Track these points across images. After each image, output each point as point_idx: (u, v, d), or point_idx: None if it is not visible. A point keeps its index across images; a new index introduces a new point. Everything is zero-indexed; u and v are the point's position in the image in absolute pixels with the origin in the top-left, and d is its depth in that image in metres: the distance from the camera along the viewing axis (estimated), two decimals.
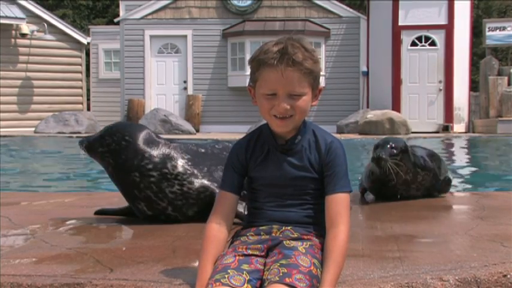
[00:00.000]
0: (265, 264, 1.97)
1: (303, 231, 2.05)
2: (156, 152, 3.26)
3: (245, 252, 2.00)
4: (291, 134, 2.09)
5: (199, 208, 3.27)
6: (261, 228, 2.08)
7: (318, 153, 2.08)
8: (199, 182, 3.27)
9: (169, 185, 3.23)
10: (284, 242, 2.01)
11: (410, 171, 4.05)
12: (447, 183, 4.35)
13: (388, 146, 3.95)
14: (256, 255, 2.00)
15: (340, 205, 2.02)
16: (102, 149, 3.27)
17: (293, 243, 2.00)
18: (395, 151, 3.94)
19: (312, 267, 1.91)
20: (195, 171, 3.28)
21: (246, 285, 1.87)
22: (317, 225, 2.07)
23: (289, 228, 2.05)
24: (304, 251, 1.96)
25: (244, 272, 1.91)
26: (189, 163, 3.29)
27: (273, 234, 2.05)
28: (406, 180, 4.05)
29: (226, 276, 1.88)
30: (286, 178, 2.08)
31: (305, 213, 2.08)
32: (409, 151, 4.05)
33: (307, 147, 2.09)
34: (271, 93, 2.01)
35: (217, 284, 1.86)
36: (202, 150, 3.42)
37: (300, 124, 2.09)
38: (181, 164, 3.26)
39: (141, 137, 3.28)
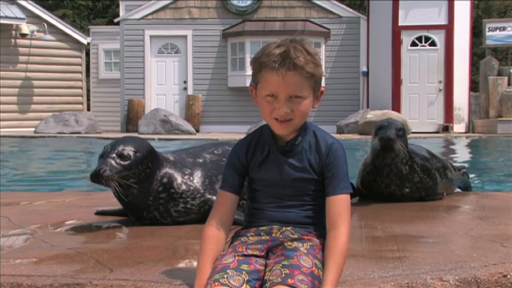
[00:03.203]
0: (265, 265, 1.97)
1: (303, 231, 2.05)
2: (163, 172, 3.18)
3: (245, 253, 2.00)
4: (291, 136, 2.09)
5: (198, 219, 3.25)
6: (261, 228, 2.08)
7: (318, 155, 2.08)
8: (201, 197, 3.22)
9: (174, 204, 3.19)
10: (285, 243, 2.01)
11: (407, 162, 3.98)
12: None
13: (394, 127, 3.89)
14: (256, 256, 2.00)
15: (340, 206, 2.02)
16: (134, 180, 3.08)
17: (294, 244, 2.00)
18: (400, 132, 3.90)
19: (314, 268, 1.91)
20: (197, 186, 3.22)
21: (244, 285, 1.87)
22: (317, 225, 2.07)
23: (289, 228, 2.05)
24: (305, 251, 1.96)
25: (244, 272, 1.91)
26: (191, 178, 3.22)
27: (273, 235, 2.05)
28: (401, 171, 4.00)
29: (225, 276, 1.88)
30: (287, 179, 2.08)
31: (305, 213, 2.08)
32: (406, 137, 3.98)
33: (307, 149, 2.09)
34: (272, 95, 2.01)
35: (216, 284, 1.86)
36: (200, 160, 3.32)
37: (301, 125, 2.09)
38: (184, 181, 3.20)
39: (156, 157, 3.15)
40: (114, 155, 3.03)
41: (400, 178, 4.02)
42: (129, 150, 3.05)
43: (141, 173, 3.07)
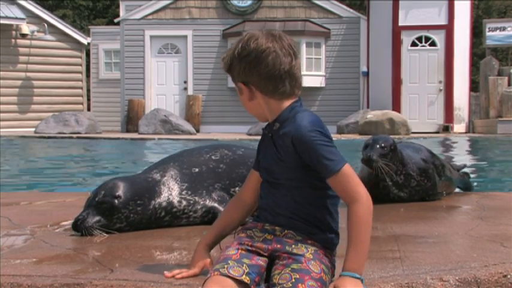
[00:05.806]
0: (267, 264, 1.97)
1: (305, 234, 2.01)
2: (159, 200, 3.11)
3: (249, 248, 2.00)
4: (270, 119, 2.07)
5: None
6: (265, 227, 2.05)
7: (293, 148, 1.99)
8: (202, 208, 3.20)
9: (177, 221, 3.18)
10: (290, 245, 1.98)
11: (401, 172, 3.97)
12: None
13: (378, 145, 3.84)
14: (259, 254, 1.99)
15: (340, 184, 1.94)
16: (121, 224, 3.03)
17: (299, 247, 1.97)
18: (385, 150, 3.83)
19: (322, 274, 1.91)
20: (196, 198, 3.19)
21: (244, 276, 1.89)
22: (319, 227, 2.03)
23: (291, 231, 2.02)
24: (311, 256, 1.95)
25: (245, 264, 1.92)
26: (189, 192, 3.18)
27: (277, 235, 2.03)
28: (396, 182, 3.99)
29: (225, 266, 1.90)
30: (272, 166, 2.05)
31: (305, 215, 2.04)
32: (397, 150, 3.92)
33: (284, 139, 2.01)
34: None
35: (216, 273, 1.89)
36: (196, 170, 3.24)
37: (281, 110, 2.03)
38: (183, 196, 3.16)
39: (144, 191, 3.08)
40: (95, 203, 2.98)
41: (397, 187, 4.03)
42: (109, 197, 2.98)
43: (128, 217, 3.01)
